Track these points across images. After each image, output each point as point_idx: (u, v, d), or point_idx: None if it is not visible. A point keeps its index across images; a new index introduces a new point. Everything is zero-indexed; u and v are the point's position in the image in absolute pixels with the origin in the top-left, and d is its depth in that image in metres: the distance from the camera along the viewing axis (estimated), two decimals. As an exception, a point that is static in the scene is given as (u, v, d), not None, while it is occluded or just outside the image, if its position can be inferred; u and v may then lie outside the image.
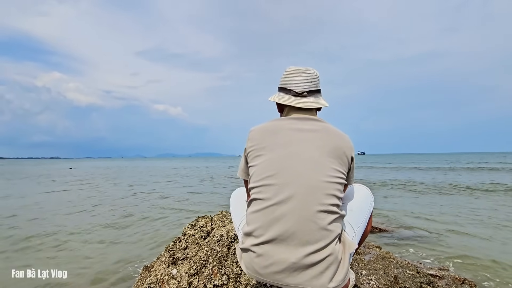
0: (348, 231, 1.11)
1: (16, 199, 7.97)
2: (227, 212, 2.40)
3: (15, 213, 5.89)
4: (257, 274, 0.99)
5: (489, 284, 2.49)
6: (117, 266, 2.94)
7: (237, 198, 1.36)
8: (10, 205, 6.95)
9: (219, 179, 14.79)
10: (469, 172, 17.17)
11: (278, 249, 0.94)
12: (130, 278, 2.62)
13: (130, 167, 35.54)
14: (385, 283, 2.09)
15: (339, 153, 1.04)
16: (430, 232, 4.06)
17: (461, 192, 8.38)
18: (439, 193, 8.24)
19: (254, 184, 1.04)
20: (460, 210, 5.65)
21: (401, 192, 8.74)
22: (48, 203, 7.19)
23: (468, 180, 11.83)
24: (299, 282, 0.93)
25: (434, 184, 10.44)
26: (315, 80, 1.16)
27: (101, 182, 13.20)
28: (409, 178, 12.52)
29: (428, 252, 3.32)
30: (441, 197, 7.50)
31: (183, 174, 19.39)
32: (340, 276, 0.95)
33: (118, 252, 3.43)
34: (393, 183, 10.97)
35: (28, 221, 5.19)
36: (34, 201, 7.48)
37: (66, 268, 2.80)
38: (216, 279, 1.72)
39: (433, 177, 13.34)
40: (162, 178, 15.58)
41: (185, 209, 6.29)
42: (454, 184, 10.41)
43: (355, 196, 1.22)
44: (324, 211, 0.95)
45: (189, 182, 13.02)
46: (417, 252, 3.33)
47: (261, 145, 1.08)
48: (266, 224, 0.96)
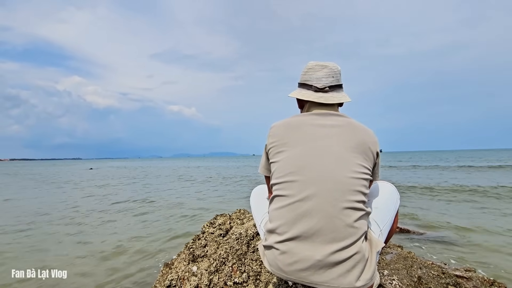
0: (374, 229, 1.07)
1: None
2: (245, 210, 2.40)
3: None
4: (281, 271, 0.98)
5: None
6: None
7: (258, 195, 1.36)
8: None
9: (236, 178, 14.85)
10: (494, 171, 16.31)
11: (303, 247, 0.93)
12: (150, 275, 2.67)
13: (154, 166, 36.28)
14: (408, 283, 2.03)
15: (364, 148, 1.01)
16: (457, 234, 3.90)
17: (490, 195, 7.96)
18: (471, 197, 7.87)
19: (276, 181, 1.03)
20: (491, 211, 5.39)
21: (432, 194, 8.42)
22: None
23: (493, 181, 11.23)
24: (325, 280, 0.91)
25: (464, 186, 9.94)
26: (337, 74, 1.13)
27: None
28: (454, 181, 11.58)
29: (454, 253, 3.20)
30: (471, 203, 7.17)
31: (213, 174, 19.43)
32: (367, 275, 0.92)
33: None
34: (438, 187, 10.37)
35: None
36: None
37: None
38: (236, 276, 1.73)
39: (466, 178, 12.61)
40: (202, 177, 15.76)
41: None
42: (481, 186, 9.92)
43: (380, 193, 1.18)
44: (350, 207, 0.93)
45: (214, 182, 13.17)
46: (441, 253, 3.21)
47: (283, 141, 1.06)
48: (291, 221, 0.95)
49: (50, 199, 8.20)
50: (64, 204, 7.01)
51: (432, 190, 8.52)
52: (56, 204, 7.07)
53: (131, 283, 2.54)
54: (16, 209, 6.46)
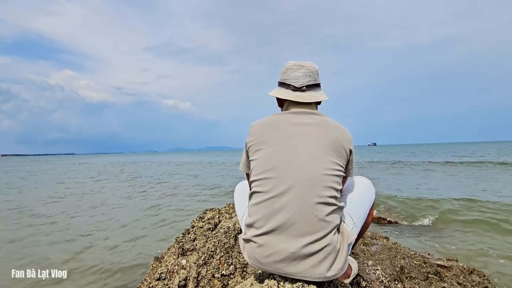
0: (348, 222, 1.13)
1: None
2: (233, 205, 2.46)
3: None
4: (258, 263, 1.03)
5: (499, 274, 2.46)
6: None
7: (241, 191, 1.40)
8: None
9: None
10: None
11: (278, 240, 0.98)
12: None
13: (144, 162, 35.99)
14: (391, 273, 2.11)
15: (337, 146, 1.06)
16: (441, 225, 4.01)
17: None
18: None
19: (254, 178, 1.08)
20: (476, 202, 5.52)
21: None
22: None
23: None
24: (299, 271, 0.97)
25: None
26: (314, 74, 1.17)
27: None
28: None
29: (437, 243, 3.30)
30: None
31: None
32: (338, 265, 0.98)
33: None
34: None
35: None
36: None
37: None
38: (224, 269, 1.78)
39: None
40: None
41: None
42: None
43: (356, 188, 1.23)
44: (322, 203, 0.98)
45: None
46: (425, 243, 3.32)
47: (261, 139, 1.10)
48: (266, 216, 1.00)
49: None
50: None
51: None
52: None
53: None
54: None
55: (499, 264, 2.70)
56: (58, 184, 11.29)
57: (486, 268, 2.60)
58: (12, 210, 5.95)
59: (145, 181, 11.88)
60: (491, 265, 2.67)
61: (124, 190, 9.05)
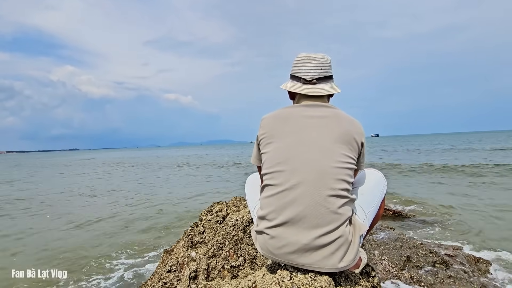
0: (359, 214, 1.14)
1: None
2: (241, 198, 2.47)
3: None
4: (271, 254, 1.05)
5: (506, 263, 2.47)
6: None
7: (252, 183, 1.41)
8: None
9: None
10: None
11: (290, 232, 0.99)
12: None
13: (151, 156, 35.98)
14: (397, 262, 2.13)
15: (349, 139, 1.06)
16: (449, 215, 4.02)
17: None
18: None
19: (266, 171, 1.08)
20: (485, 195, 5.49)
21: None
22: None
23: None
24: (311, 262, 0.98)
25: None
26: (326, 66, 1.16)
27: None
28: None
29: (444, 234, 3.32)
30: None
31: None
32: (350, 256, 1.00)
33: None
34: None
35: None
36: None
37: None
38: (233, 260, 1.81)
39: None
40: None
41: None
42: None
43: (367, 180, 1.24)
44: (334, 195, 0.99)
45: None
46: (433, 234, 3.33)
47: (272, 132, 1.11)
48: (279, 208, 1.01)
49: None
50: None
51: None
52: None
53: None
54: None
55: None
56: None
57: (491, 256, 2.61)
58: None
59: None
60: (496, 255, 2.68)
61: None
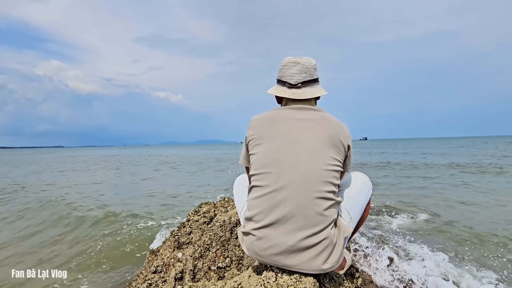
0: (345, 217, 1.16)
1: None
2: (229, 199, 2.47)
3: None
4: (257, 255, 1.06)
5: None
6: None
7: (240, 184, 1.42)
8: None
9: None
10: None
11: (277, 233, 1.00)
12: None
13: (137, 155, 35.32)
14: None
15: (336, 142, 1.08)
16: (433, 215, 4.12)
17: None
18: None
19: (254, 172, 1.09)
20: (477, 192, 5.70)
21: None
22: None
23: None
24: (296, 264, 1.00)
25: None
26: (310, 70, 1.17)
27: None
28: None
29: (427, 235, 3.40)
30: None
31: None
32: (334, 258, 1.01)
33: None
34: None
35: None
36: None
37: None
38: (220, 261, 1.81)
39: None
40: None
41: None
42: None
43: (353, 183, 1.26)
44: (320, 197, 1.00)
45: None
46: (418, 235, 3.40)
47: (261, 134, 1.12)
48: (266, 209, 1.02)
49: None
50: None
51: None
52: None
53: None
54: None
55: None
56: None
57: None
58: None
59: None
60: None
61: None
